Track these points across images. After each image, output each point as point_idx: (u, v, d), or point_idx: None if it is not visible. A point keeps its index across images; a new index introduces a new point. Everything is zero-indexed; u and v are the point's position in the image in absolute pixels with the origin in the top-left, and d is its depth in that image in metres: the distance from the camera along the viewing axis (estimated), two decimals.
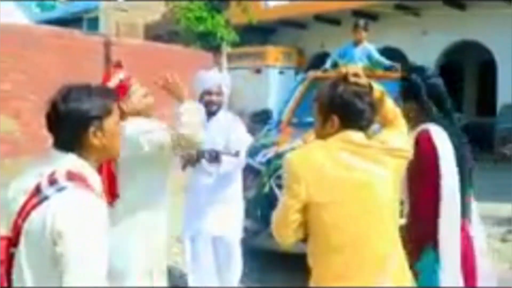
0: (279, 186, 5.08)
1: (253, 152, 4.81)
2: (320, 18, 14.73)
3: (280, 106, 6.54)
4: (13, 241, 1.78)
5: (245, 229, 4.45)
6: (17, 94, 7.04)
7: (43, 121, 1.86)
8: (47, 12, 21.59)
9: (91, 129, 1.82)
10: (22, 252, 1.76)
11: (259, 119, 6.28)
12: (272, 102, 12.47)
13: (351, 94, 2.13)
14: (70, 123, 1.80)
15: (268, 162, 4.97)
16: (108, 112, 1.86)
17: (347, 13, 13.99)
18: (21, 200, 1.77)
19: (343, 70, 2.31)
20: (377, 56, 6.91)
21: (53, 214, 1.70)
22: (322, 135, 2.21)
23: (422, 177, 2.72)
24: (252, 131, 4.86)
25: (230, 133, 4.05)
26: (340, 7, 13.83)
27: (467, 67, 16.11)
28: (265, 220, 5.07)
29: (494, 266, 5.25)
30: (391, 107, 2.30)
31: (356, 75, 2.19)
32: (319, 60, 11.66)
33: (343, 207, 2.11)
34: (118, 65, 3.00)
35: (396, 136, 2.25)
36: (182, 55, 9.84)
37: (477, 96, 15.83)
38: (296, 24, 15.49)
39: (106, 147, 1.87)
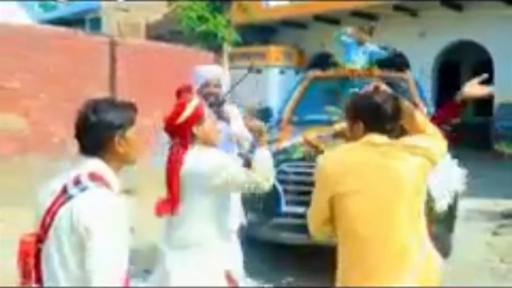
0: (280, 181, 5.28)
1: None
2: (320, 18, 14.93)
3: (280, 104, 6.74)
4: (41, 238, 1.99)
5: (248, 222, 4.64)
6: (26, 93, 7.23)
7: (50, 119, 2.08)
8: (49, 12, 21.79)
9: (116, 137, 2.04)
10: (51, 246, 1.97)
11: (260, 117, 6.47)
12: (273, 101, 12.66)
13: (374, 102, 2.35)
14: (99, 132, 2.03)
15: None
16: (130, 123, 2.08)
17: (347, 13, 14.20)
18: (50, 201, 1.99)
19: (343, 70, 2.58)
20: (375, 49, 7.08)
21: (78, 211, 1.91)
22: (350, 139, 2.44)
23: None
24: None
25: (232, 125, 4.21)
26: (339, 7, 14.03)
27: (464, 67, 16.30)
28: (267, 213, 5.28)
29: (486, 258, 5.55)
30: (421, 122, 2.46)
31: (378, 88, 2.43)
32: (319, 60, 11.84)
33: (366, 197, 2.28)
34: (187, 90, 3.08)
35: (421, 138, 2.41)
36: (184, 54, 10.01)
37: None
38: (297, 24, 15.68)
39: (127, 153, 2.08)
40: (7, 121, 6.99)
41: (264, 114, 6.26)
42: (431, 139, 2.43)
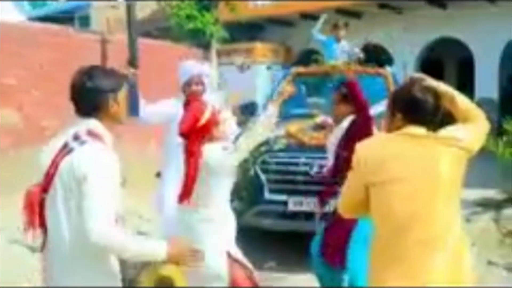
0: (263, 171, 5.60)
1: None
2: (306, 16, 15.19)
3: (265, 99, 7.04)
4: (45, 188, 2.30)
5: (233, 209, 4.93)
6: (20, 88, 7.46)
7: (43, 113, 2.37)
8: (38, 9, 21.83)
9: (109, 100, 2.36)
10: (56, 192, 2.28)
11: (246, 111, 6.75)
12: (260, 96, 12.92)
13: (412, 94, 2.42)
14: (94, 96, 2.35)
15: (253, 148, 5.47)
16: (120, 87, 2.41)
17: (332, 11, 14.48)
18: (52, 155, 2.31)
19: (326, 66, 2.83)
20: (351, 49, 7.42)
21: (78, 161, 2.24)
22: (390, 130, 2.50)
23: None
24: (240, 121, 5.34)
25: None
26: (325, 5, 14.30)
27: (447, 63, 16.65)
28: (250, 201, 5.58)
29: None
30: (463, 108, 2.51)
31: (422, 79, 2.52)
32: (305, 57, 12.11)
33: (405, 186, 2.32)
34: (196, 98, 3.69)
35: (458, 128, 2.45)
36: (173, 51, 10.26)
37: (457, 90, 16.36)
38: (283, 22, 15.94)
39: (118, 113, 2.41)
40: (3, 116, 7.23)
41: (250, 108, 6.54)
42: (469, 127, 2.45)
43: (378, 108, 4.76)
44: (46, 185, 2.31)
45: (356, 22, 14.79)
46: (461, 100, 2.53)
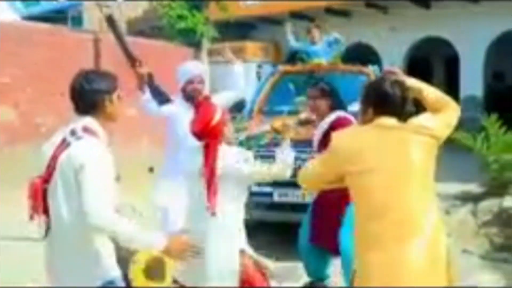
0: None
1: None
2: (295, 15, 15.47)
3: (253, 96, 7.31)
4: (46, 179, 2.58)
5: None
6: (15, 86, 7.70)
7: (38, 111, 2.59)
8: (31, 8, 21.96)
9: (105, 100, 2.63)
10: (57, 183, 2.55)
11: (235, 108, 7.01)
12: (250, 94, 13.18)
13: (382, 89, 2.55)
14: (91, 97, 2.62)
15: (240, 143, 5.72)
16: (114, 89, 2.68)
17: (321, 10, 14.78)
18: (52, 150, 2.58)
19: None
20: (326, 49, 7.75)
21: (75, 153, 2.51)
22: (364, 122, 2.62)
23: None
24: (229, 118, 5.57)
25: None
26: (314, 5, 14.60)
27: (435, 62, 16.98)
28: None
29: None
30: (432, 99, 2.59)
31: (391, 73, 2.66)
32: (293, 55, 12.39)
33: (381, 174, 2.43)
34: (206, 99, 3.77)
35: (429, 118, 2.54)
36: (164, 50, 10.49)
37: (443, 88, 16.68)
38: (273, 21, 16.22)
39: (112, 112, 2.68)
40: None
41: (238, 105, 6.79)
42: (439, 116, 2.54)
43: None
44: (47, 176, 2.58)
45: (346, 21, 15.13)
46: (430, 92, 2.63)
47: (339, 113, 4.30)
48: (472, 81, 13.60)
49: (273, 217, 5.74)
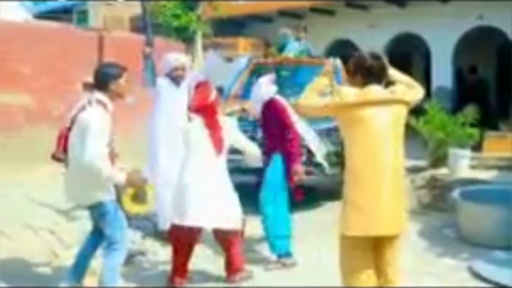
0: None
1: None
2: (283, 13, 16.72)
3: (229, 84, 8.65)
4: (69, 128, 4.01)
5: None
6: (33, 76, 9.03)
7: (51, 97, 3.93)
8: (40, 6, 23.09)
9: (112, 81, 4.00)
10: (74, 132, 3.97)
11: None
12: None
13: (369, 63, 3.28)
14: (105, 78, 4.00)
15: None
16: (120, 75, 4.05)
17: (307, 9, 16.04)
18: (75, 111, 3.99)
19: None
20: (310, 49, 9.10)
21: (86, 115, 3.90)
22: (353, 86, 3.33)
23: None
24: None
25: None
26: (300, 4, 15.84)
27: (414, 57, 18.09)
28: None
29: None
30: (404, 81, 3.41)
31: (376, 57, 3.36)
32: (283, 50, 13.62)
33: (372, 125, 3.14)
34: (206, 82, 4.84)
35: (402, 89, 3.31)
36: (160, 45, 11.75)
37: (420, 80, 17.72)
38: (263, 18, 17.42)
39: (118, 91, 4.04)
40: (20, 99, 8.88)
41: (217, 91, 8.14)
42: (411, 90, 3.35)
43: None
44: (70, 126, 4.00)
45: (329, 20, 16.37)
46: (403, 78, 3.47)
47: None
48: (443, 74, 14.83)
49: (239, 179, 7.00)
